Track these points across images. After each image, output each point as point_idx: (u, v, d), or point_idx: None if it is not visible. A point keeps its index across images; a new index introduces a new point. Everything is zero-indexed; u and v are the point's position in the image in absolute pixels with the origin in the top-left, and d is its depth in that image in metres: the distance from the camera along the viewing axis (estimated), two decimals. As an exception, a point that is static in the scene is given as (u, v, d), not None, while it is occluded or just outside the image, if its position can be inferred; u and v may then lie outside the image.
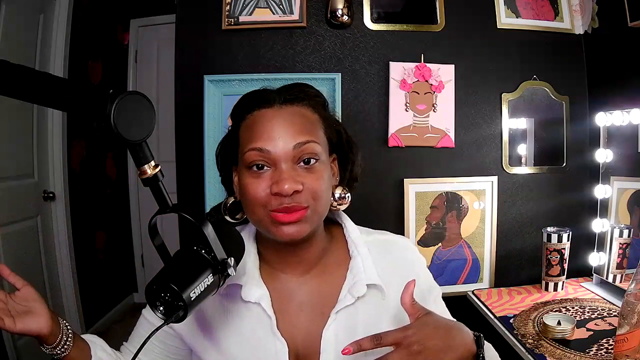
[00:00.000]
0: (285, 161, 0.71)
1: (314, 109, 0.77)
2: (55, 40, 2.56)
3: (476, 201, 1.73)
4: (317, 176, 0.72)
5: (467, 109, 1.73)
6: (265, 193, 0.70)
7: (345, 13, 1.63)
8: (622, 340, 0.96)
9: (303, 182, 0.70)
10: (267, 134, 0.71)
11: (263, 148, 0.71)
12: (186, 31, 1.66)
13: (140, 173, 0.61)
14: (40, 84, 0.58)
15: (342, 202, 0.81)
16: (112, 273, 3.24)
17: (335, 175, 0.81)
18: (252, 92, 0.79)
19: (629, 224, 1.54)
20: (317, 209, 0.73)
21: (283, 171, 0.70)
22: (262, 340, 0.76)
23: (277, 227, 0.71)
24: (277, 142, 0.71)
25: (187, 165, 1.68)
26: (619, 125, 1.54)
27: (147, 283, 0.62)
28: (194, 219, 0.62)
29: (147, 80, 3.37)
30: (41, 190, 2.56)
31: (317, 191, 0.71)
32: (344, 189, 0.82)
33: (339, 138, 0.81)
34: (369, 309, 0.78)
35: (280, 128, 0.71)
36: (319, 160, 0.73)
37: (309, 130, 0.73)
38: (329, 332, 0.76)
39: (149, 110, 0.60)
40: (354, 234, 0.83)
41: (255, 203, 0.71)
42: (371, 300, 0.78)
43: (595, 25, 1.71)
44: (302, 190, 0.70)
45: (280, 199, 0.69)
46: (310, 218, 0.72)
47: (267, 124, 0.72)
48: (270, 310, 0.76)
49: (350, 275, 0.79)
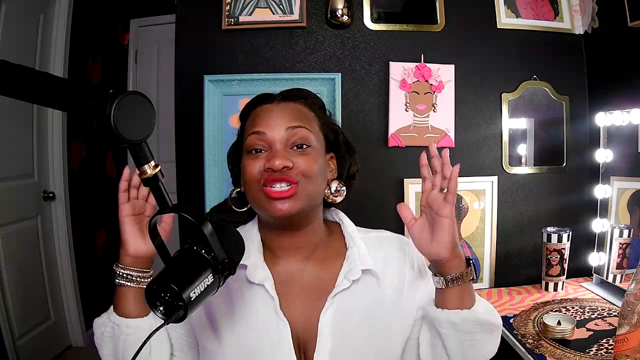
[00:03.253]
0: (279, 143, 0.78)
1: (310, 107, 0.85)
2: (55, 40, 2.57)
3: (476, 201, 1.73)
4: (309, 158, 0.78)
5: (467, 109, 1.73)
6: (259, 170, 0.77)
7: (345, 13, 1.63)
8: (622, 340, 0.96)
9: (294, 161, 0.77)
10: (266, 122, 0.80)
11: (260, 131, 0.79)
12: (186, 31, 1.66)
13: (140, 173, 0.61)
14: (40, 84, 0.57)
15: (339, 195, 0.86)
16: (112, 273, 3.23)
17: (333, 172, 0.87)
18: (257, 95, 0.87)
19: (629, 224, 1.54)
20: (308, 187, 0.78)
21: (276, 150, 0.78)
22: (265, 321, 0.79)
23: (270, 202, 0.76)
24: (273, 127, 0.79)
25: (187, 165, 1.68)
26: (619, 125, 1.54)
27: (147, 283, 0.62)
28: (194, 219, 0.62)
29: (147, 80, 3.36)
30: (41, 190, 2.56)
31: (307, 170, 0.77)
32: (340, 182, 0.87)
33: (336, 137, 0.87)
34: (364, 294, 0.82)
35: (277, 116, 0.80)
36: (311, 146, 0.80)
37: (302, 119, 0.81)
38: (326, 315, 0.79)
39: (149, 111, 0.60)
40: (351, 228, 0.88)
41: (251, 180, 0.78)
42: (367, 287, 0.82)
43: (595, 25, 1.71)
44: (292, 167, 0.76)
45: (272, 173, 0.76)
46: (301, 195, 0.76)
47: (266, 114, 0.81)
48: (273, 291, 0.79)
49: (347, 263, 0.83)
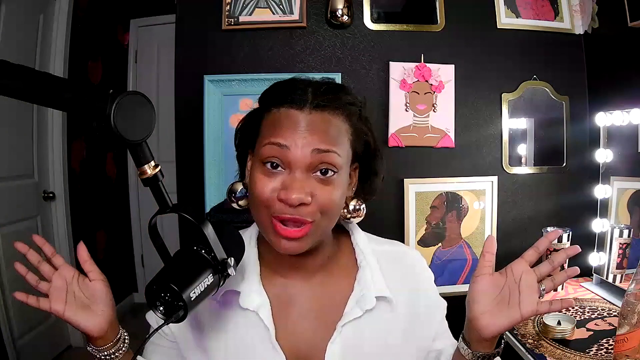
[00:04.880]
0: (301, 166, 0.67)
1: (346, 118, 0.72)
2: (55, 40, 2.56)
3: (476, 201, 1.73)
4: (331, 189, 0.68)
5: (467, 109, 1.73)
6: (271, 195, 0.67)
7: (345, 13, 1.63)
8: (622, 340, 0.96)
9: (314, 193, 0.67)
10: (290, 134, 0.67)
11: (283, 144, 0.66)
12: (186, 31, 1.66)
13: (140, 173, 0.61)
14: (40, 84, 0.57)
15: (357, 215, 0.77)
16: (112, 273, 3.22)
17: (353, 185, 0.77)
18: (285, 83, 0.73)
19: (629, 224, 1.54)
20: (323, 224, 0.69)
21: (295, 178, 0.66)
22: (259, 352, 0.72)
23: (277, 238, 0.68)
24: (298, 143, 0.66)
25: (187, 165, 1.68)
26: (619, 125, 1.54)
27: (147, 283, 0.62)
28: (194, 219, 0.62)
29: (147, 80, 3.36)
30: (41, 190, 2.56)
31: (327, 205, 0.68)
32: (359, 200, 0.78)
33: (366, 149, 0.76)
34: (377, 322, 0.74)
35: (306, 132, 0.67)
36: (337, 173, 0.69)
37: (333, 139, 0.69)
38: (334, 345, 0.72)
39: (149, 111, 0.59)
40: (362, 242, 0.80)
41: (260, 202, 0.68)
42: (379, 314, 0.75)
43: (595, 25, 1.71)
44: (310, 203, 0.66)
45: (285, 207, 0.66)
46: (313, 234, 0.68)
47: (293, 124, 0.68)
48: (269, 320, 0.72)
49: (358, 286, 0.75)
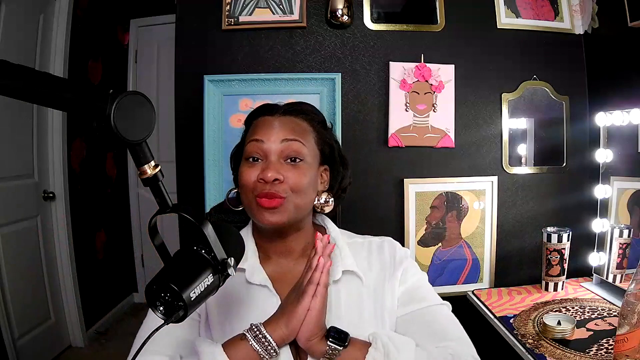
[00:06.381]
0: (274, 155, 0.85)
1: (309, 122, 0.91)
2: (55, 40, 2.56)
3: (476, 201, 1.73)
4: (300, 172, 0.85)
5: (467, 109, 1.73)
6: (254, 179, 0.84)
7: (345, 13, 1.63)
8: (622, 340, 0.96)
9: (286, 175, 0.83)
10: (265, 132, 0.87)
11: (259, 139, 0.86)
12: (186, 31, 1.66)
13: (140, 173, 0.61)
14: (40, 84, 0.57)
15: (327, 206, 0.93)
16: (112, 273, 3.24)
17: (325, 183, 0.94)
18: (262, 105, 0.95)
19: (629, 224, 1.54)
20: (295, 201, 0.84)
21: (271, 162, 0.84)
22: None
23: (260, 212, 0.83)
24: (270, 137, 0.86)
25: (187, 165, 1.68)
26: (619, 125, 1.54)
27: (147, 283, 0.62)
28: (194, 219, 0.63)
29: (147, 80, 3.36)
30: (41, 190, 2.56)
31: (296, 185, 0.84)
32: (329, 194, 0.94)
33: (332, 152, 0.94)
34: (350, 289, 0.88)
35: (276, 128, 0.87)
36: (303, 160, 0.86)
37: (298, 133, 0.87)
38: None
39: (149, 111, 0.60)
40: (334, 233, 0.96)
41: (246, 187, 0.85)
42: (351, 284, 0.89)
43: (595, 25, 1.71)
44: (283, 181, 0.83)
45: (264, 184, 0.82)
46: (287, 208, 0.84)
47: (267, 125, 0.88)
48: (274, 290, 0.86)
49: None
